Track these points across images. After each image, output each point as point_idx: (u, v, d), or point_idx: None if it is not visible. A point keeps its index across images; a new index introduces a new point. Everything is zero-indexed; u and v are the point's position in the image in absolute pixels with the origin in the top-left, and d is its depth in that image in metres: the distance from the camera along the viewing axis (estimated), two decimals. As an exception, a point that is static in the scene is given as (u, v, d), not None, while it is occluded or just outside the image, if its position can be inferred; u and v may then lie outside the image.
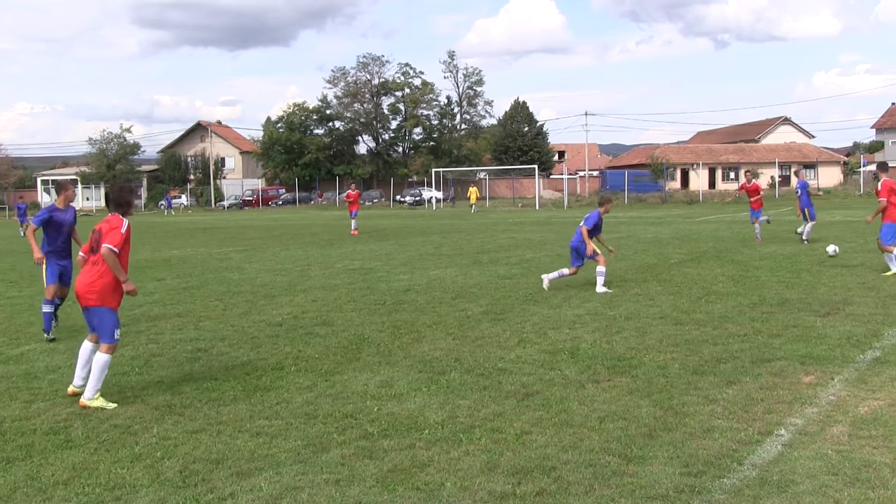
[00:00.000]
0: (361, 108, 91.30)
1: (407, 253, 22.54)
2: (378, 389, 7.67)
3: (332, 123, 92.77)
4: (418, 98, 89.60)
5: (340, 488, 5.24)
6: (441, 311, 12.07)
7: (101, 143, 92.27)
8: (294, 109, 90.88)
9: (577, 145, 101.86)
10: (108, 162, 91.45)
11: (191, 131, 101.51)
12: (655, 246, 22.40)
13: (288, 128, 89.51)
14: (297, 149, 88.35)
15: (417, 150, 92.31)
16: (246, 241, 29.59)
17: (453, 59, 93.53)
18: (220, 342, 10.23)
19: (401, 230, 34.75)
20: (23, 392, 7.98)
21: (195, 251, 25.85)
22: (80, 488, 5.38)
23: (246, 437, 6.35)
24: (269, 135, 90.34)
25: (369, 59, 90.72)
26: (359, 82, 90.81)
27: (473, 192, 60.41)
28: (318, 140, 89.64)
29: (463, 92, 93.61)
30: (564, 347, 9.23)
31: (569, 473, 5.35)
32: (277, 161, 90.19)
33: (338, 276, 17.13)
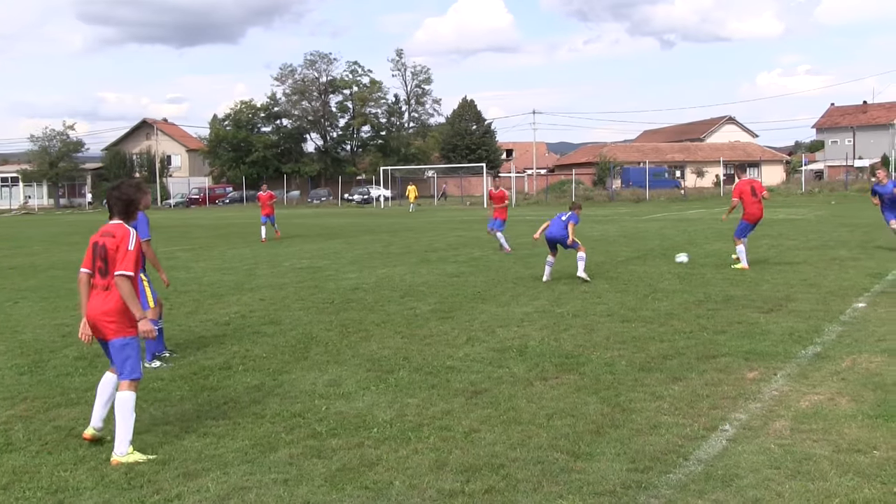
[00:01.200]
0: (309, 105, 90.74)
1: (355, 251, 22.47)
2: (326, 388, 7.64)
3: (279, 121, 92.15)
4: (366, 96, 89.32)
5: (289, 488, 5.21)
6: (389, 310, 12.05)
7: (43, 141, 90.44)
8: (241, 107, 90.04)
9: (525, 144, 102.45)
10: (50, 160, 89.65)
11: (136, 129, 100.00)
12: (602, 244, 22.61)
13: (235, 125, 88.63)
14: (244, 147, 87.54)
15: (366, 149, 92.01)
16: (193, 240, 29.24)
17: (401, 57, 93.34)
18: (166, 342, 10.08)
19: (349, 228, 34.63)
20: (-38, 394, 7.79)
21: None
22: (21, 492, 5.27)
23: (192, 438, 6.29)
24: (215, 133, 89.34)
25: (317, 57, 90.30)
26: (307, 80, 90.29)
27: (412, 191, 59.44)
28: (265, 138, 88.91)
29: (411, 90, 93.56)
30: (513, 345, 9.28)
31: (517, 471, 5.38)
32: (224, 159, 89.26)
33: (286, 275, 17.02)
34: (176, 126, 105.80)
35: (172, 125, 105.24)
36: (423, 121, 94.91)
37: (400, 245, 24.57)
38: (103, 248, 6.05)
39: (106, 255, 6.02)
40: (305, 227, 35.56)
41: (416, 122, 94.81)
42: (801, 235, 23.04)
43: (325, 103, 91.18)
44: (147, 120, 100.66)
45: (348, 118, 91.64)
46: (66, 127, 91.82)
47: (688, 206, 50.67)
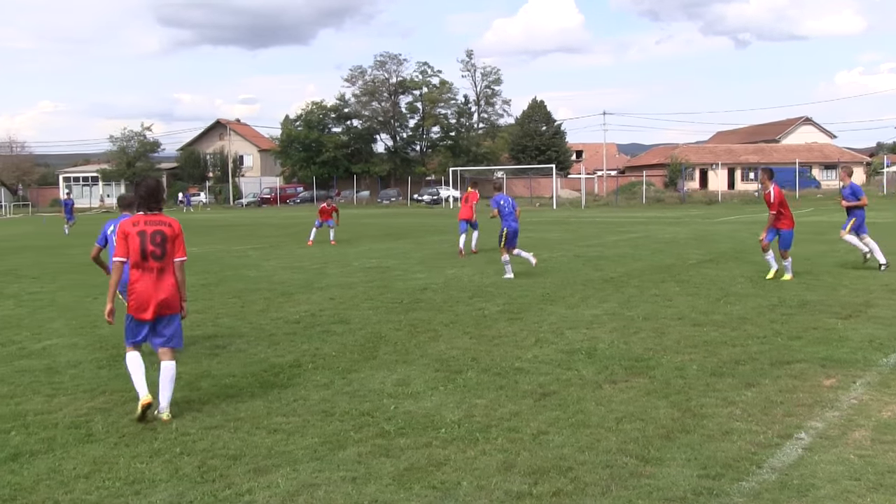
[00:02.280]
0: (379, 106, 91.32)
1: (424, 252, 22.54)
2: (395, 388, 7.68)
3: (350, 122, 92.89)
4: (436, 97, 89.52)
5: (357, 486, 5.24)
6: (458, 310, 12.07)
7: (122, 141, 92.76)
8: (312, 108, 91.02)
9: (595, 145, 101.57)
10: (128, 159, 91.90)
11: (210, 129, 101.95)
12: (673, 246, 22.31)
13: (306, 126, 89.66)
14: (315, 147, 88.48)
15: (435, 149, 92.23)
16: (264, 239, 29.68)
17: (471, 58, 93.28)
18: (238, 339, 10.27)
19: (418, 229, 34.76)
20: (45, 386, 8.05)
21: (213, 248, 25.95)
22: (101, 482, 5.42)
23: (263, 434, 6.37)
24: (287, 133, 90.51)
25: (387, 58, 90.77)
26: (377, 81, 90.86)
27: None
28: (335, 138, 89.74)
29: (481, 91, 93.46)
30: (581, 347, 9.21)
31: (585, 474, 5.33)
32: (295, 159, 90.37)
33: (355, 275, 17.16)
34: (248, 126, 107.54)
35: (245, 125, 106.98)
36: (492, 121, 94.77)
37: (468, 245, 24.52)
38: (159, 235, 6.89)
39: (164, 241, 6.89)
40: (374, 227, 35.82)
41: (485, 122, 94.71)
42: (881, 239, 22.40)
43: (395, 104, 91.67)
44: (220, 120, 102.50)
45: (418, 119, 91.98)
46: (144, 128, 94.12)
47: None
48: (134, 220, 7.01)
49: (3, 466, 5.77)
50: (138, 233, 6.88)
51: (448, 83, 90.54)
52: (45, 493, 5.27)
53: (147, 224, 6.94)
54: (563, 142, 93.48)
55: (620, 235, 26.63)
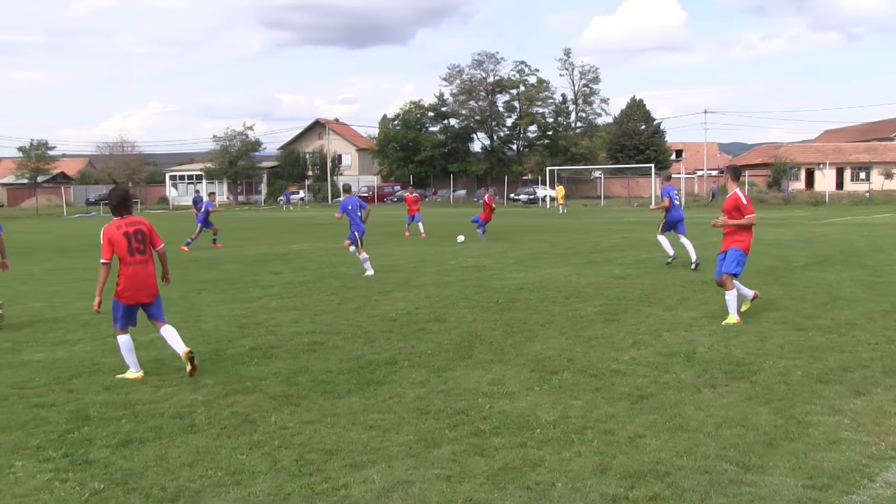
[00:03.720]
0: (476, 105, 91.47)
1: (520, 251, 22.49)
2: (490, 387, 7.68)
3: (447, 121, 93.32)
4: (533, 96, 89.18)
5: (451, 484, 5.26)
6: (554, 311, 11.99)
7: (225, 141, 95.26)
8: (410, 107, 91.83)
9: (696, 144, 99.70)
10: (230, 158, 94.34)
11: (309, 129, 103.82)
12: (776, 248, 21.71)
13: (404, 125, 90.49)
14: (412, 146, 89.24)
15: (532, 148, 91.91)
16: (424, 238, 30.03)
17: (569, 56, 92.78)
18: (336, 336, 10.42)
19: (514, 228, 34.69)
20: (152, 377, 8.33)
21: (312, 246, 26.41)
22: (204, 471, 5.58)
23: (359, 430, 6.45)
24: (384, 132, 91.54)
25: (484, 57, 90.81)
26: (474, 80, 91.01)
27: (560, 191, 57.55)
28: (433, 137, 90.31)
29: (578, 90, 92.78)
30: (680, 350, 9.04)
31: (683, 479, 5.23)
32: (393, 158, 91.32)
33: (451, 273, 17.23)
34: (347, 126, 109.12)
35: (343, 125, 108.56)
36: (590, 120, 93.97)
37: (564, 246, 24.42)
38: (139, 233, 8.30)
39: (144, 238, 8.31)
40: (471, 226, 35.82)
41: (583, 121, 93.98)
42: None
43: (493, 103, 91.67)
44: (320, 120, 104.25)
45: (515, 118, 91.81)
46: (246, 127, 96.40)
47: (872, 210, 47.93)
48: (116, 224, 8.32)
49: (115, 452, 6.02)
50: (123, 234, 8.23)
51: (545, 82, 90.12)
52: (153, 478, 5.47)
53: (127, 226, 8.29)
54: (662, 141, 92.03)
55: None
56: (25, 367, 8.95)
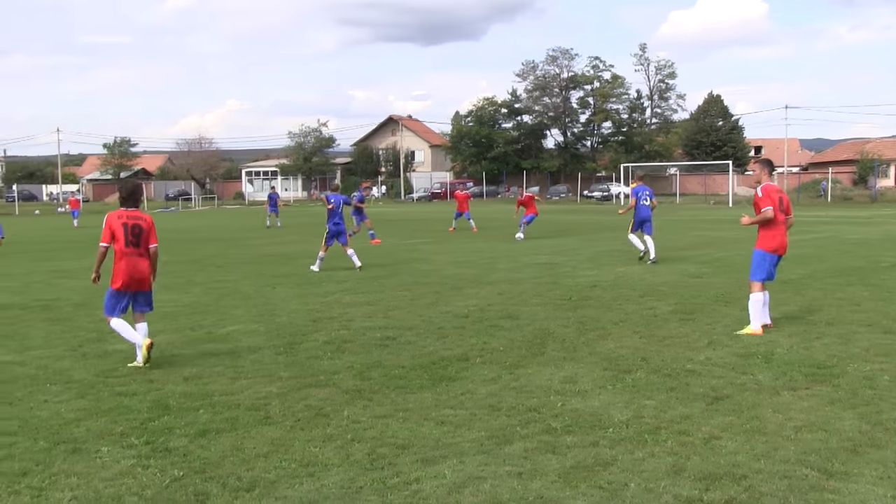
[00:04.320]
0: (550, 101, 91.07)
1: (593, 248, 22.30)
2: (562, 385, 7.63)
3: (520, 117, 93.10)
4: (608, 92, 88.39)
5: (523, 481, 5.23)
6: (627, 309, 11.86)
7: (299, 137, 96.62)
8: (484, 103, 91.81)
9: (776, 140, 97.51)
10: (304, 154, 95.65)
11: (383, 125, 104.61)
12: (863, 248, 21.12)
13: (477, 122, 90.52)
14: (485, 143, 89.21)
15: (606, 145, 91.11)
16: (434, 233, 30.18)
17: (644, 51, 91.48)
18: (408, 331, 10.47)
19: (588, 225, 34.43)
20: (228, 369, 8.49)
21: (385, 242, 26.60)
22: (278, 462, 5.66)
23: (431, 425, 6.47)
24: (457, 129, 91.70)
25: (558, 53, 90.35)
26: (548, 76, 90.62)
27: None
28: (506, 134, 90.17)
29: (654, 85, 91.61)
30: (758, 351, 8.84)
31: (761, 483, 5.11)
32: (466, 155, 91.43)
33: (523, 270, 17.17)
34: (420, 122, 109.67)
35: (416, 121, 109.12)
36: (666, 116, 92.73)
37: (639, 243, 24.12)
38: (137, 227, 8.70)
39: (140, 233, 8.70)
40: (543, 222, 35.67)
41: (658, 117, 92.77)
42: None
43: (566, 99, 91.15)
44: (393, 116, 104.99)
45: (589, 114, 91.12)
46: (320, 124, 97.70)
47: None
48: (118, 213, 8.75)
49: (194, 441, 6.15)
50: (122, 224, 8.66)
51: (620, 78, 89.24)
52: (229, 468, 5.57)
53: (128, 218, 8.71)
54: (740, 137, 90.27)
55: (803, 235, 25.41)
56: (110, 357, 9.21)
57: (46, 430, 6.49)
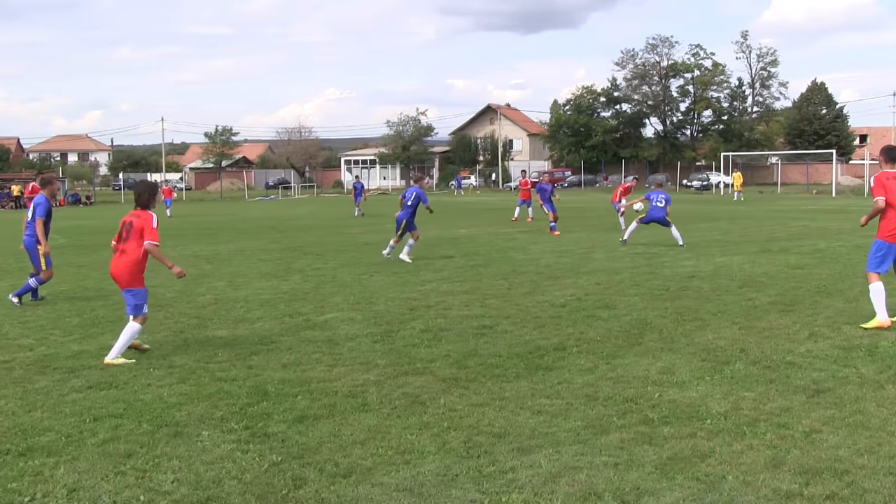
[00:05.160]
0: (649, 90, 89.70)
1: (692, 238, 21.93)
2: (659, 376, 7.57)
3: (619, 106, 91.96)
4: (708, 80, 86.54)
5: (619, 472, 5.24)
6: (726, 300, 11.65)
7: (398, 126, 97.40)
8: (582, 92, 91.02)
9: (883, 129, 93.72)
10: (403, 143, 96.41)
11: (481, 114, 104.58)
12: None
13: (575, 110, 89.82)
14: (583, 131, 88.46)
15: (706, 134, 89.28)
16: (531, 223, 30.09)
17: (746, 38, 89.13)
18: (505, 320, 10.52)
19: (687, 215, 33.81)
20: (326, 356, 8.68)
21: (482, 231, 26.68)
22: (375, 449, 5.78)
23: (527, 414, 6.51)
24: (556, 117, 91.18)
25: (658, 41, 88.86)
26: (647, 64, 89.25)
27: (737, 178, 55.32)
28: (604, 123, 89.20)
29: (756, 73, 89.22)
30: (861, 344, 8.60)
31: (864, 479, 4.99)
32: (564, 143, 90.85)
33: (621, 260, 17.02)
34: (518, 111, 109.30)
35: (515, 110, 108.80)
36: (767, 105, 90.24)
37: (738, 233, 23.64)
38: (130, 225, 8.73)
39: (129, 230, 8.71)
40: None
41: (759, 105, 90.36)
42: None
43: (666, 87, 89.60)
44: (491, 105, 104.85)
45: (689, 102, 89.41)
46: (419, 113, 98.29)
47: None
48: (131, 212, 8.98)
49: (292, 427, 6.33)
50: (122, 222, 8.89)
51: (721, 65, 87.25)
52: (326, 454, 5.72)
53: (130, 216, 8.85)
54: (844, 125, 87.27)
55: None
56: (210, 343, 9.52)
57: (150, 413, 6.76)
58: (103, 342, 9.53)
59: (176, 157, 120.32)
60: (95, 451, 5.90)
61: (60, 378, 7.96)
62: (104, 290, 13.59)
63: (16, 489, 5.24)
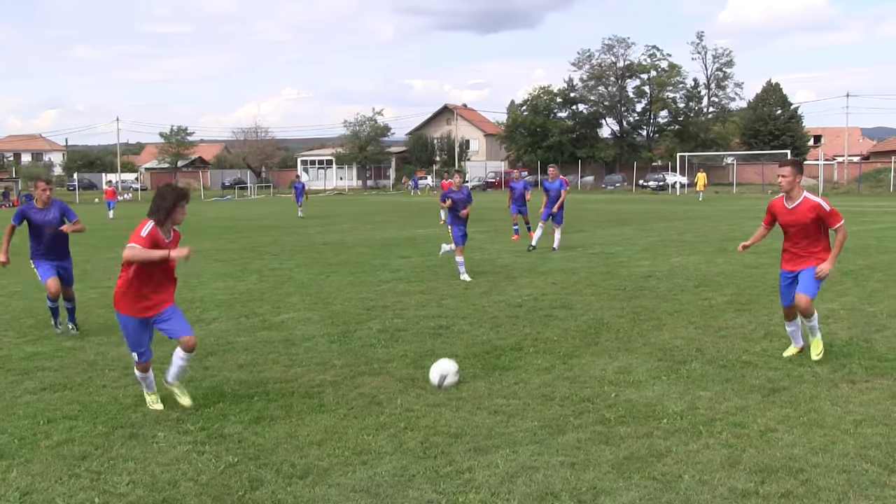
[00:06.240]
0: (606, 91, 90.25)
1: (648, 238, 22.10)
2: (616, 375, 7.59)
3: (575, 107, 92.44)
4: (664, 81, 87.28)
5: (575, 471, 5.23)
6: (683, 299, 11.73)
7: (355, 126, 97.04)
8: (539, 93, 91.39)
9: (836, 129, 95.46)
10: (360, 143, 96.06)
11: (437, 114, 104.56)
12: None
13: (532, 111, 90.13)
14: (540, 132, 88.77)
15: (662, 134, 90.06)
16: (488, 223, 30.11)
17: (702, 39, 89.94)
18: (462, 320, 10.49)
19: (643, 215, 34.11)
20: (283, 357, 8.59)
21: (439, 230, 26.63)
22: (332, 450, 5.73)
23: (484, 415, 6.49)
24: (513, 118, 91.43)
25: (615, 42, 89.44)
26: (603, 65, 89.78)
27: (700, 178, 55.53)
28: (561, 123, 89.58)
29: (711, 74, 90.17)
30: (817, 343, 8.68)
31: (819, 477, 5.04)
32: (520, 144, 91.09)
33: (578, 260, 17.08)
34: (475, 111, 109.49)
35: (471, 110, 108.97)
36: (723, 105, 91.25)
37: (695, 233, 23.86)
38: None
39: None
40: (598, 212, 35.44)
41: (715, 106, 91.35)
42: None
43: (622, 88, 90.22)
44: (448, 105, 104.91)
45: (645, 103, 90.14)
46: (375, 113, 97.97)
47: None
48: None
49: (248, 428, 6.25)
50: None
51: (677, 66, 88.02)
52: (283, 455, 5.65)
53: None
54: (799, 126, 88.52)
55: (863, 226, 24.91)
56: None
57: (105, 414, 6.66)
58: (58, 343, 9.36)
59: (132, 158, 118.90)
60: (49, 453, 5.81)
61: (14, 380, 7.83)
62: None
63: (-36, 493, 5.12)
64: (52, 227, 10.07)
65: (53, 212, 10.12)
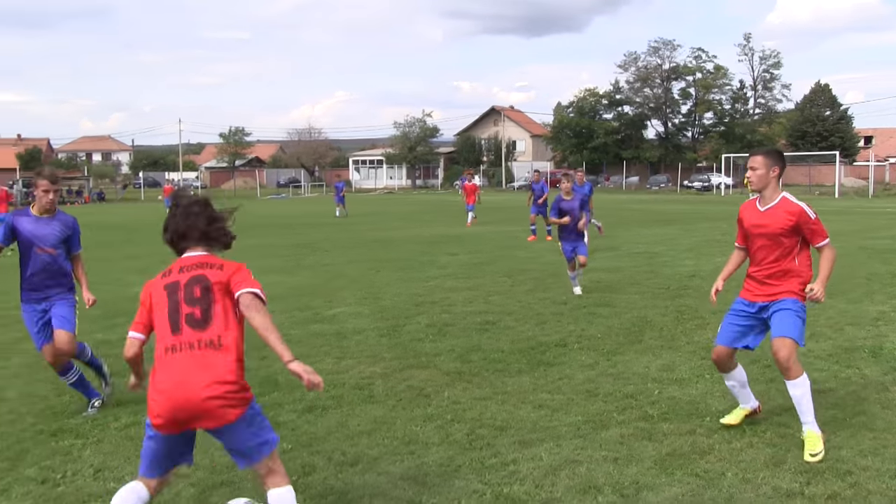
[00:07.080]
0: (651, 92, 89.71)
1: (693, 238, 21.98)
2: (659, 373, 7.65)
3: (621, 108, 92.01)
4: (710, 83, 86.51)
5: (618, 466, 5.31)
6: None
7: (405, 127, 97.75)
8: (585, 94, 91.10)
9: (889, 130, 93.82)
10: (409, 144, 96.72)
11: (485, 116, 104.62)
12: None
13: (578, 112, 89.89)
14: (585, 133, 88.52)
15: (707, 136, 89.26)
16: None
17: (749, 41, 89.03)
18: (508, 316, 10.59)
19: (687, 215, 33.87)
20: (334, 349, 8.79)
21: (486, 229, 26.73)
22: (381, 439, 5.89)
23: (529, 409, 6.59)
24: (559, 119, 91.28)
25: (660, 44, 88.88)
26: (649, 67, 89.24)
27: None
28: (607, 124, 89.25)
29: (758, 75, 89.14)
30: (864, 345, 8.65)
31: (868, 481, 5.00)
32: (566, 145, 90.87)
33: (622, 259, 17.09)
34: (521, 113, 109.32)
35: (518, 112, 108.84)
36: (769, 107, 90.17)
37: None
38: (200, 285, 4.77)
39: (207, 295, 4.73)
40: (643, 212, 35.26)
41: (762, 108, 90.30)
42: None
43: (668, 90, 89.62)
44: (495, 107, 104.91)
45: (690, 105, 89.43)
46: (425, 114, 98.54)
47: None
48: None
49: (301, 417, 6.45)
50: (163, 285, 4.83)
51: (723, 68, 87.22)
52: (334, 443, 5.82)
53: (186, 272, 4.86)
54: (849, 127, 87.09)
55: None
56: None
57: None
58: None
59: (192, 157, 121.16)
60: (118, 434, 6.18)
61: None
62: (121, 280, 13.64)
63: (49, 466, 5.55)
64: (46, 246, 6.67)
65: (54, 226, 6.74)
